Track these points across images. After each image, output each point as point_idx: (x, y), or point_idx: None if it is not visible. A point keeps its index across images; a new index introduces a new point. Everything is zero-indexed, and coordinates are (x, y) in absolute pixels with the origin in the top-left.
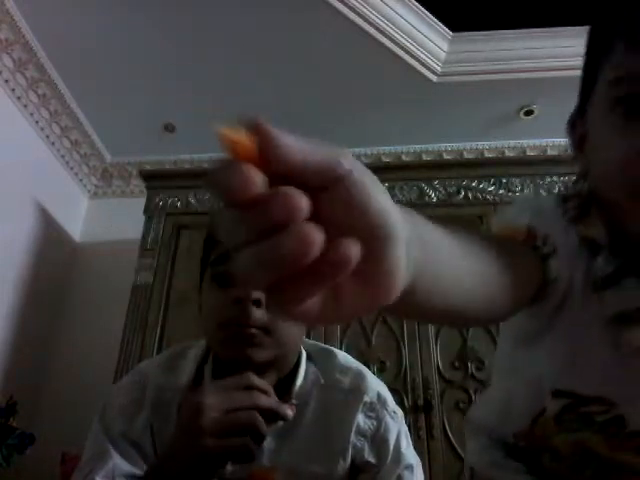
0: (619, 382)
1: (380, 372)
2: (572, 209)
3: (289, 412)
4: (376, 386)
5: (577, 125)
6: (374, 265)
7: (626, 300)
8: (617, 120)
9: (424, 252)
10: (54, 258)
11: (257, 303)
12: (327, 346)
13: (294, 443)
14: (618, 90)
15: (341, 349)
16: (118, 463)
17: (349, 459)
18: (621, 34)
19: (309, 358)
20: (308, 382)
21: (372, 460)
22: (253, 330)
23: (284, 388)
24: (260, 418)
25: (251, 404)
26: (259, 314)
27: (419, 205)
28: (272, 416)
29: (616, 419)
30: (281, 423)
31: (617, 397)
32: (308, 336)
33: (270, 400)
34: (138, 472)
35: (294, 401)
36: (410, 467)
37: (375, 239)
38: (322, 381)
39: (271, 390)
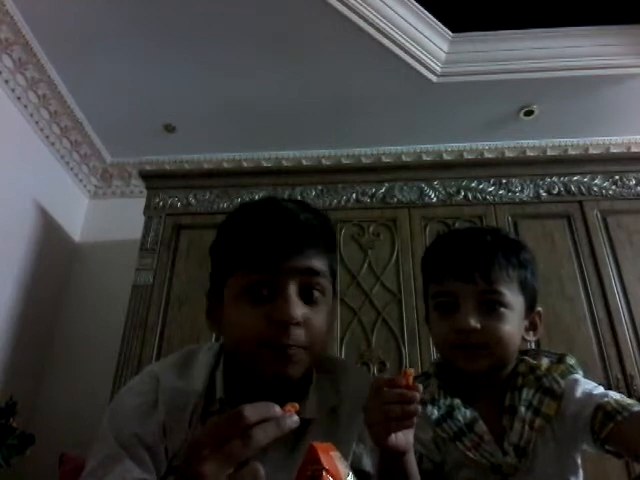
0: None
1: (380, 372)
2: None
3: (293, 422)
4: None
5: (427, 319)
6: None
7: (455, 424)
8: (438, 315)
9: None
10: (54, 258)
11: (297, 323)
12: (338, 357)
13: (301, 457)
14: (434, 299)
15: (341, 349)
16: (130, 468)
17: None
18: (435, 272)
19: (320, 369)
20: (320, 397)
21: (368, 469)
22: (293, 350)
23: (296, 399)
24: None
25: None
26: (298, 333)
27: (419, 205)
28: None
29: None
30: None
31: None
32: None
33: (267, 434)
34: (150, 478)
35: (307, 415)
36: None
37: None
38: (334, 400)
39: (272, 410)
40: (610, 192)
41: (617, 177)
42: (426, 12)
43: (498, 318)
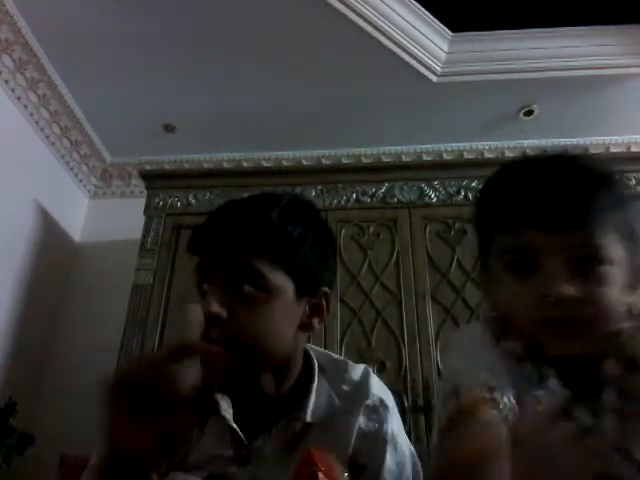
0: None
1: (380, 372)
2: (495, 331)
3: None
4: (378, 391)
5: (484, 277)
6: None
7: (555, 399)
8: (511, 276)
9: None
10: (54, 258)
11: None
12: (338, 357)
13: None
14: (505, 257)
15: (341, 349)
16: None
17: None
18: (504, 221)
19: (321, 370)
20: (322, 401)
21: (365, 462)
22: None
23: (295, 403)
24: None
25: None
26: (216, 328)
27: (419, 205)
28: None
29: None
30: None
31: None
32: (308, 339)
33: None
34: None
35: (309, 419)
36: (402, 464)
37: None
38: (337, 402)
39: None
40: None
41: (617, 177)
42: (426, 12)
43: (600, 281)
